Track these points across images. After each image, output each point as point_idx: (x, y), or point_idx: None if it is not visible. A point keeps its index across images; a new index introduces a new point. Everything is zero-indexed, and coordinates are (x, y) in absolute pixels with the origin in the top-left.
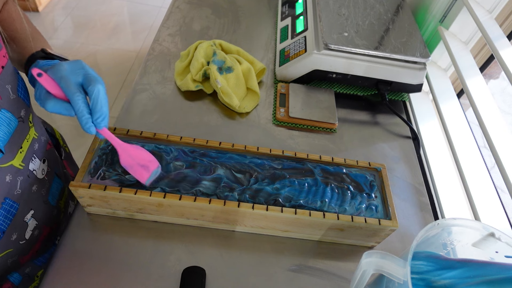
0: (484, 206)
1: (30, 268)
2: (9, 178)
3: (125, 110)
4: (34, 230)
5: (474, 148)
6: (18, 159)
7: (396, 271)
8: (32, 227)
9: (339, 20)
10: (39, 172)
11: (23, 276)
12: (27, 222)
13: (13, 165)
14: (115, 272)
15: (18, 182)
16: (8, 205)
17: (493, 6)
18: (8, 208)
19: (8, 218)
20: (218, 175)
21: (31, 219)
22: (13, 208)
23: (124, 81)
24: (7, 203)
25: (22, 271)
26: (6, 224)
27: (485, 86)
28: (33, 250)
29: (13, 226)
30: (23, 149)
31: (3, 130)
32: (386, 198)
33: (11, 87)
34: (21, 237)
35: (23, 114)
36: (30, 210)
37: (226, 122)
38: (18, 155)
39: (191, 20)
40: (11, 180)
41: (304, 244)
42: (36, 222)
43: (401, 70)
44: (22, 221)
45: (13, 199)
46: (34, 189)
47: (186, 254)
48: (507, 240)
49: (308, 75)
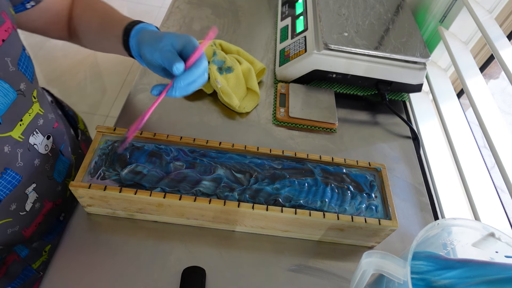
0: (484, 206)
1: (38, 243)
2: (7, 149)
3: (125, 110)
4: (35, 202)
5: (474, 148)
6: (18, 131)
7: (396, 271)
8: (32, 200)
9: (339, 20)
10: (41, 147)
11: (30, 250)
12: (27, 194)
13: (12, 136)
14: (115, 272)
15: (19, 155)
16: (10, 176)
17: (493, 6)
18: (10, 179)
19: (7, 188)
20: (218, 175)
21: (32, 192)
22: (15, 180)
23: (124, 81)
24: (8, 174)
25: (29, 245)
26: (4, 194)
27: (485, 86)
28: (35, 222)
29: (12, 197)
30: (24, 122)
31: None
32: (386, 198)
33: (10, 60)
34: (20, 208)
35: (23, 88)
36: (32, 184)
37: (226, 122)
38: (18, 127)
39: (191, 20)
40: (10, 151)
41: (304, 244)
42: (37, 195)
43: (401, 70)
44: (22, 193)
45: (16, 171)
46: (36, 163)
47: (186, 254)
48: (507, 240)
49: (308, 75)
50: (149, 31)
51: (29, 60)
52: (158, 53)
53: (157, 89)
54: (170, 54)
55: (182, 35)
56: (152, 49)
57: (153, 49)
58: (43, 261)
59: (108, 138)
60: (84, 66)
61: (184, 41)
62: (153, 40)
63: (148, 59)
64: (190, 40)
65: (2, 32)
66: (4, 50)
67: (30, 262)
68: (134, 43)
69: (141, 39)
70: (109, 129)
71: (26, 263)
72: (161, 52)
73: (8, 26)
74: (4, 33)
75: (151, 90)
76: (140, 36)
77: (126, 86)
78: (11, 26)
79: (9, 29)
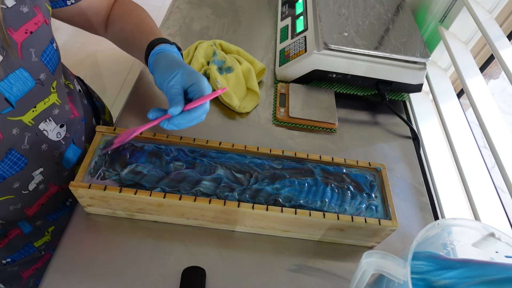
0: (484, 206)
1: (41, 222)
2: (16, 131)
3: (125, 110)
4: (39, 184)
5: (474, 148)
6: (29, 116)
7: (396, 271)
8: (37, 181)
9: (339, 20)
10: (53, 134)
11: (33, 227)
12: (33, 176)
13: (22, 120)
14: (115, 272)
15: (26, 138)
16: (14, 157)
17: (493, 6)
18: (15, 160)
19: (13, 169)
20: (218, 175)
21: (38, 175)
22: (21, 162)
23: (124, 81)
24: (13, 154)
25: (33, 223)
26: (10, 173)
27: (485, 86)
28: (38, 203)
29: (17, 176)
30: (37, 109)
31: (18, 87)
32: (386, 198)
33: (34, 51)
34: (23, 187)
35: (42, 78)
36: (39, 167)
37: (226, 122)
38: (29, 113)
39: (191, 20)
40: (17, 134)
41: (304, 244)
42: (42, 177)
43: (401, 70)
44: (29, 175)
45: (21, 152)
46: (44, 148)
47: (186, 254)
48: (507, 240)
49: (308, 75)
50: (165, 57)
51: (54, 53)
52: (165, 87)
53: (153, 115)
54: (175, 94)
55: (194, 74)
56: (161, 79)
57: (163, 80)
58: (45, 241)
59: (108, 138)
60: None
61: (193, 81)
62: (165, 70)
63: (157, 85)
64: (199, 82)
65: (31, 25)
66: (30, 41)
67: (32, 240)
68: (151, 63)
69: (156, 63)
70: (109, 129)
71: (28, 240)
72: (168, 89)
73: (38, 20)
74: (34, 26)
75: (148, 113)
76: (156, 59)
77: (126, 86)
78: (43, 19)
79: (39, 22)
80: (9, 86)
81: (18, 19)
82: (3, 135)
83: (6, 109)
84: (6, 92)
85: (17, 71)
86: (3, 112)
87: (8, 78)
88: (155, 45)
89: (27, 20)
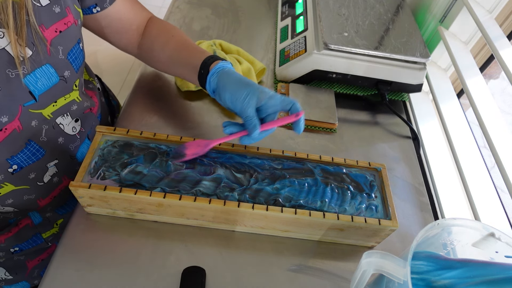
0: (484, 206)
1: (51, 214)
2: (34, 123)
3: (125, 110)
4: (54, 176)
5: (474, 148)
6: (48, 110)
7: (396, 271)
8: (51, 173)
9: (339, 20)
10: (69, 128)
11: (43, 218)
12: (48, 167)
13: (42, 114)
14: (115, 272)
15: (43, 130)
16: (33, 148)
17: (493, 6)
18: (34, 151)
19: (31, 159)
20: (218, 175)
21: (52, 166)
22: (39, 153)
23: (124, 81)
24: (32, 145)
25: (43, 214)
26: (27, 162)
27: (485, 86)
28: (51, 195)
29: (34, 167)
30: (57, 104)
31: (42, 81)
32: (386, 198)
33: (62, 49)
34: (39, 179)
35: (67, 75)
36: (54, 160)
37: None
38: (50, 107)
39: (191, 20)
40: (36, 126)
41: (304, 244)
42: (56, 170)
43: (401, 70)
44: (44, 166)
45: (39, 144)
46: (60, 141)
47: (186, 254)
48: (507, 240)
49: (308, 75)
50: (230, 75)
51: (80, 53)
52: (239, 107)
53: (229, 130)
54: (251, 117)
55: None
56: (233, 99)
57: (235, 99)
58: (53, 233)
59: (108, 138)
60: None
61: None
62: (236, 89)
63: (227, 104)
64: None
65: (61, 24)
66: (59, 39)
67: (41, 231)
68: (213, 82)
69: (221, 81)
70: (109, 129)
71: (37, 230)
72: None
73: (68, 20)
74: (63, 26)
75: (224, 129)
76: (220, 78)
77: (126, 86)
78: (73, 20)
79: (69, 22)
80: (34, 80)
81: (50, 17)
82: (23, 126)
83: (29, 102)
84: (31, 86)
85: (43, 66)
86: (25, 104)
87: (34, 72)
88: (210, 62)
89: (58, 20)
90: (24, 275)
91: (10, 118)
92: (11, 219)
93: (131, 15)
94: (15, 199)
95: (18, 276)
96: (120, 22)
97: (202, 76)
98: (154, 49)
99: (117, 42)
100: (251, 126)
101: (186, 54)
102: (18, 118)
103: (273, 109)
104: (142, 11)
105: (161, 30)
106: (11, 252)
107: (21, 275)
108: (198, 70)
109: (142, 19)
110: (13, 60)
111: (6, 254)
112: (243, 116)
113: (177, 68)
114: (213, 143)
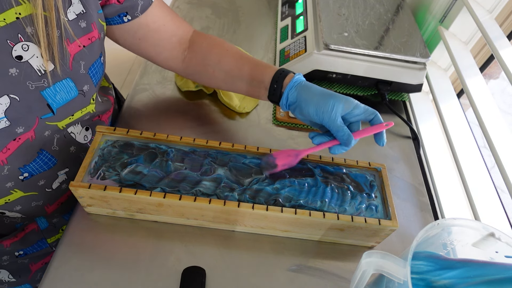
0: (484, 206)
1: (57, 220)
2: (47, 133)
3: (125, 110)
4: (62, 183)
5: (474, 148)
6: (64, 122)
7: (396, 271)
8: (61, 180)
9: (339, 20)
10: (80, 137)
11: (49, 224)
12: (58, 175)
13: (57, 125)
14: (115, 272)
15: (55, 139)
16: (45, 157)
17: (493, 6)
18: (46, 161)
19: (42, 168)
20: (218, 175)
21: (63, 174)
22: (51, 162)
23: (124, 81)
24: (44, 155)
25: (50, 220)
26: (38, 171)
27: (485, 86)
28: (58, 201)
29: (44, 175)
30: (74, 117)
31: (61, 95)
32: (386, 198)
33: (84, 64)
34: (48, 186)
35: (85, 89)
36: (65, 168)
37: (226, 122)
38: (66, 120)
39: (191, 20)
40: (48, 135)
41: (304, 244)
42: (66, 177)
43: (401, 70)
44: (54, 174)
45: (51, 153)
46: (72, 150)
47: (186, 254)
48: (507, 240)
49: (308, 75)
50: (309, 87)
51: (100, 67)
52: (327, 120)
53: (318, 140)
54: (341, 127)
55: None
56: (319, 111)
57: (321, 112)
58: (58, 238)
59: (108, 138)
60: None
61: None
62: (320, 101)
63: (310, 117)
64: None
65: (85, 40)
66: (82, 54)
67: (46, 236)
68: (292, 96)
69: (304, 95)
70: (109, 129)
71: (43, 236)
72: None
73: (93, 35)
74: (87, 41)
75: (313, 139)
76: (301, 92)
77: (126, 86)
78: (97, 35)
79: (93, 38)
80: (53, 93)
81: (75, 32)
82: (36, 136)
83: (46, 115)
84: (50, 99)
85: (64, 80)
86: (43, 117)
87: (54, 86)
88: (283, 76)
89: (83, 35)
90: (27, 278)
91: (25, 129)
92: (18, 224)
93: (170, 27)
94: (23, 205)
95: (21, 279)
96: (158, 33)
97: (276, 91)
98: (208, 64)
99: (156, 56)
100: (345, 137)
101: (249, 68)
102: (33, 129)
103: (356, 118)
104: (182, 22)
105: (213, 44)
106: (16, 256)
107: (24, 278)
108: (269, 85)
109: (185, 32)
110: (35, 73)
111: (10, 258)
112: (333, 127)
113: (237, 84)
114: (303, 153)
